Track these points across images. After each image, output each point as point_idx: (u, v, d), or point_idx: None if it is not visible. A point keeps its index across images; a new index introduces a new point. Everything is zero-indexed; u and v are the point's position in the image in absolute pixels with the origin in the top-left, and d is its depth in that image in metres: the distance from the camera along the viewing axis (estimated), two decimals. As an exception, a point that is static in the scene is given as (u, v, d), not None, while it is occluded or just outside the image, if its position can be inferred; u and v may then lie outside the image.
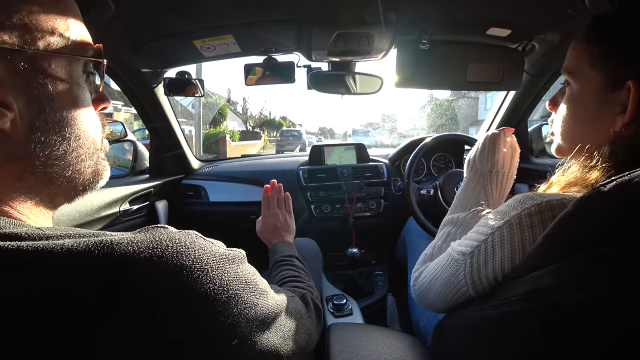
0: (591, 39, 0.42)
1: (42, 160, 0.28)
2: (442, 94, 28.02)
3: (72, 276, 0.23)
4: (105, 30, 0.77)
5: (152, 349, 0.24)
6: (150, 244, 0.25)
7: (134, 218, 1.14)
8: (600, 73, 0.40)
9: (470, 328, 0.45)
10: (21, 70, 0.26)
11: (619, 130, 0.37)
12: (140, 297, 0.24)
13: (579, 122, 0.44)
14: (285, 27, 0.92)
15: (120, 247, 0.24)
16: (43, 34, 0.27)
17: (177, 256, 0.26)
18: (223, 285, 0.28)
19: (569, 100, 0.45)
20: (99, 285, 0.23)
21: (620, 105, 0.38)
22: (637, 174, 0.25)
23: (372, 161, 1.50)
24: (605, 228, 0.27)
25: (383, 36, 0.94)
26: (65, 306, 0.22)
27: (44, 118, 0.28)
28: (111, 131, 1.36)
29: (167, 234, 0.27)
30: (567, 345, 0.29)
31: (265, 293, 0.34)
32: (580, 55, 0.43)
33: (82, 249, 0.23)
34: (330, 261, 1.45)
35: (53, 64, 0.28)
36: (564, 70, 0.46)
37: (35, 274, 0.23)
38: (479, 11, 0.88)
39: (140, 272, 0.24)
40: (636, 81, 0.36)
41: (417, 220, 1.07)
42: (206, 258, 0.27)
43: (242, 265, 0.32)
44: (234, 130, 16.72)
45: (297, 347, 0.39)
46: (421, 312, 0.80)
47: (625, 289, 0.25)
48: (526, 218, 0.39)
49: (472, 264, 0.44)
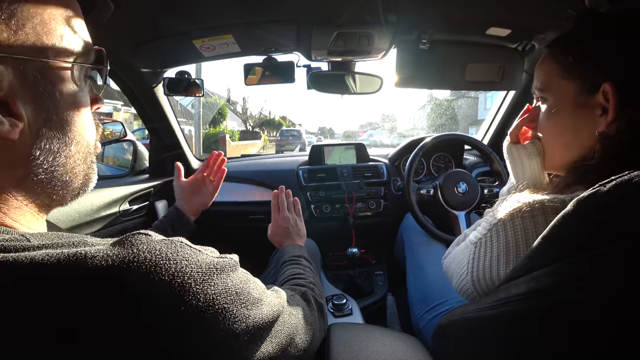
0: (558, 53, 0.45)
1: (45, 168, 0.28)
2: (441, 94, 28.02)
3: (46, 290, 0.22)
4: (104, 29, 0.77)
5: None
6: (125, 258, 0.23)
7: (133, 218, 1.14)
8: (573, 81, 0.43)
9: (470, 328, 0.45)
10: (31, 80, 0.26)
11: (603, 130, 0.39)
12: (114, 312, 0.22)
13: (561, 131, 0.46)
14: (285, 27, 0.92)
15: (94, 260, 0.22)
16: (53, 43, 0.27)
17: (155, 270, 0.24)
18: (208, 300, 0.26)
19: (548, 114, 0.47)
20: (74, 298, 0.22)
21: (599, 108, 0.40)
22: (636, 174, 0.25)
23: (372, 161, 1.50)
24: (604, 228, 0.27)
25: (383, 36, 0.94)
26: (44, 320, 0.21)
27: (49, 126, 0.28)
28: (111, 131, 1.36)
29: (147, 244, 0.25)
30: (566, 345, 0.29)
31: (258, 302, 0.32)
32: (550, 70, 0.45)
33: (52, 262, 0.22)
34: (330, 261, 1.45)
35: (61, 72, 0.28)
36: (536, 90, 0.48)
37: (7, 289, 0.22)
38: (478, 11, 0.88)
39: (113, 288, 0.22)
40: (612, 82, 0.38)
41: (417, 220, 1.07)
42: (189, 271, 0.25)
43: (233, 273, 0.30)
44: (234, 130, 16.71)
45: (298, 347, 0.39)
46: (421, 313, 0.80)
47: (623, 289, 0.25)
48: (518, 217, 0.41)
49: (475, 253, 0.47)
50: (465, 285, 0.48)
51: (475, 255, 0.47)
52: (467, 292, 0.48)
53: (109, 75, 1.08)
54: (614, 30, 0.40)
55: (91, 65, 0.32)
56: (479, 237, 0.47)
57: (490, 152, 1.14)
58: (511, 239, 0.42)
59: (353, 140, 12.18)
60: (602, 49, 0.40)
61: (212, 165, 0.85)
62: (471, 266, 0.47)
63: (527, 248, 0.40)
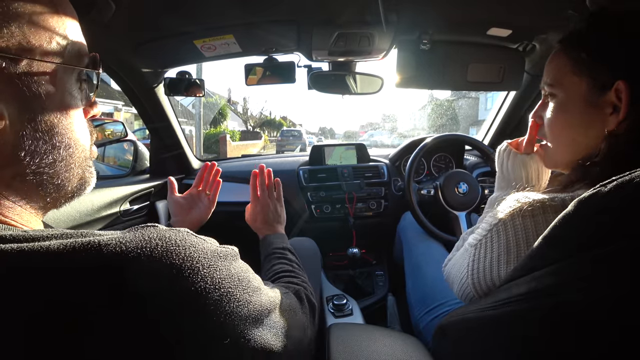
0: (571, 49, 0.44)
1: (32, 169, 0.28)
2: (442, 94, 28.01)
3: (59, 279, 0.22)
4: (105, 29, 0.77)
5: (144, 348, 0.23)
6: (139, 244, 0.25)
7: (134, 218, 1.14)
8: (586, 78, 0.42)
9: (470, 329, 0.45)
10: (15, 79, 0.25)
11: (613, 129, 0.39)
12: (130, 297, 0.23)
13: (570, 128, 0.45)
14: (285, 27, 0.93)
15: (108, 247, 0.24)
16: (40, 43, 0.27)
17: (166, 255, 0.25)
18: (215, 283, 0.27)
19: (557, 110, 0.46)
20: (87, 287, 0.22)
21: (610, 106, 0.39)
22: (637, 174, 0.25)
23: (372, 161, 1.50)
24: (605, 228, 0.27)
25: (384, 36, 0.94)
26: (52, 310, 0.22)
27: (34, 127, 0.27)
28: (112, 131, 1.37)
29: (157, 232, 0.27)
30: (566, 346, 0.29)
31: (258, 290, 0.34)
32: (562, 66, 0.44)
33: (68, 251, 0.23)
34: (331, 261, 1.45)
35: (47, 73, 0.28)
36: (546, 85, 0.47)
37: (20, 278, 0.22)
38: (479, 11, 0.88)
39: (129, 272, 0.24)
40: (625, 81, 0.37)
41: (418, 220, 1.06)
42: (197, 256, 0.27)
43: (235, 262, 0.32)
44: (234, 130, 16.72)
45: (291, 344, 0.39)
46: (421, 314, 0.80)
47: (624, 289, 0.25)
48: (518, 217, 0.40)
49: (475, 255, 0.46)
50: (466, 289, 0.48)
51: (475, 257, 0.46)
52: (469, 295, 0.48)
53: (110, 75, 1.08)
54: (629, 28, 0.39)
55: (83, 69, 0.31)
56: (478, 239, 0.47)
57: (491, 152, 1.14)
58: (512, 238, 0.41)
59: (354, 140, 12.16)
60: (616, 47, 0.39)
61: (206, 177, 0.80)
62: (471, 268, 0.47)
63: (528, 248, 0.39)
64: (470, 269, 0.47)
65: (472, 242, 0.49)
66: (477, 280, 0.46)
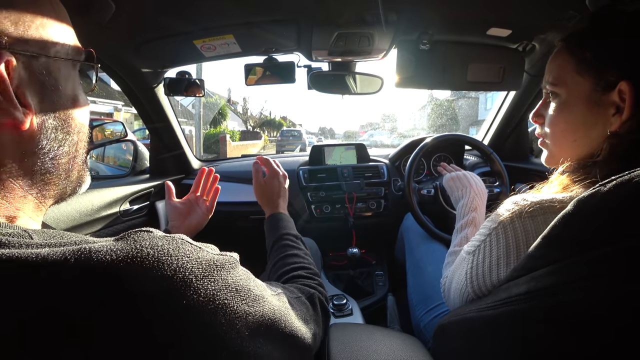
0: (575, 47, 0.43)
1: (51, 156, 0.31)
2: (442, 94, 28.02)
3: (48, 287, 0.22)
4: (105, 30, 0.77)
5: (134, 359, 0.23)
6: (129, 253, 0.24)
7: (134, 218, 1.14)
8: (589, 78, 0.41)
9: (470, 328, 0.45)
10: (37, 74, 0.30)
11: (615, 129, 0.39)
12: (118, 307, 0.23)
13: (572, 127, 0.45)
14: (285, 27, 0.92)
15: (99, 255, 0.23)
16: (53, 42, 0.31)
17: (157, 265, 0.25)
18: (209, 295, 0.27)
19: (559, 109, 0.46)
20: (75, 296, 0.22)
21: (613, 107, 0.39)
22: (637, 174, 0.25)
23: (372, 161, 1.50)
24: (605, 228, 0.27)
25: (383, 36, 0.94)
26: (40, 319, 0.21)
27: (54, 116, 0.31)
28: (112, 131, 1.37)
29: (150, 240, 0.26)
30: (566, 345, 0.29)
31: (259, 299, 0.33)
32: (565, 64, 0.44)
33: (58, 258, 0.22)
34: (330, 261, 1.45)
35: (61, 68, 0.32)
36: (548, 84, 0.47)
37: (9, 285, 0.22)
38: (479, 11, 0.88)
39: (118, 282, 0.23)
40: (629, 81, 0.37)
41: (418, 220, 1.06)
42: (190, 266, 0.26)
43: (233, 270, 0.31)
44: (234, 130, 16.73)
45: (296, 353, 0.38)
46: (421, 314, 0.80)
47: (623, 288, 0.25)
48: (518, 219, 0.40)
49: (473, 262, 0.47)
50: (467, 297, 0.48)
51: (474, 264, 0.46)
52: (470, 298, 0.48)
53: (110, 75, 1.08)
54: (634, 28, 0.39)
55: (83, 62, 0.36)
56: (477, 245, 0.47)
57: (491, 152, 1.14)
58: (512, 241, 0.41)
59: (353, 140, 12.14)
60: (621, 47, 0.39)
61: (204, 183, 0.80)
62: (469, 275, 0.47)
63: (528, 249, 0.39)
64: (469, 276, 0.47)
65: (469, 249, 0.49)
66: (476, 286, 0.45)
